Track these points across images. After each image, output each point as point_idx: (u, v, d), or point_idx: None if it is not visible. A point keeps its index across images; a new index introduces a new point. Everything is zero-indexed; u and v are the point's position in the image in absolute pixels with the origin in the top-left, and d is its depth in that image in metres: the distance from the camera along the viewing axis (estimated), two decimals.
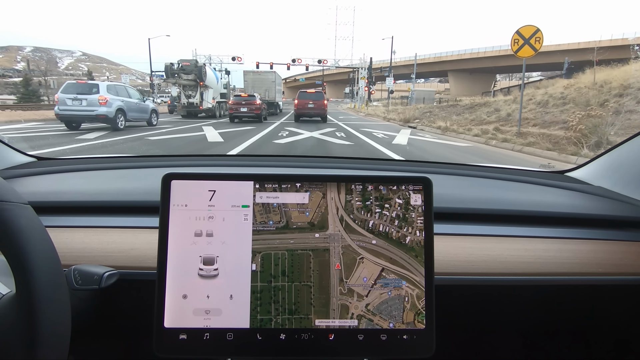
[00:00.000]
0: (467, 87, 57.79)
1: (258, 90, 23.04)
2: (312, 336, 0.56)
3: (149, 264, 0.70)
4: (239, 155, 4.75)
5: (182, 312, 0.55)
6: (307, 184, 0.58)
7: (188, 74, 18.16)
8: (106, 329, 0.82)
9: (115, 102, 11.12)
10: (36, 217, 0.48)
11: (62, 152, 6.98)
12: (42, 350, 0.43)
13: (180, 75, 18.17)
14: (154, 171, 1.13)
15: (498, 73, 68.03)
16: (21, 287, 0.44)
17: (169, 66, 18.02)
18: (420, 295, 0.57)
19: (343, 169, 1.23)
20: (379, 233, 0.58)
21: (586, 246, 0.81)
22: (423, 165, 1.28)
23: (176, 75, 18.13)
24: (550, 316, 0.90)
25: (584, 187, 1.07)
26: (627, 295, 0.84)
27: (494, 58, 52.20)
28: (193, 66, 18.21)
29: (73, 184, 1.02)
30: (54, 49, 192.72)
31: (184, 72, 18.19)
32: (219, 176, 0.57)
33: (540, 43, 8.51)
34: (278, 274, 0.56)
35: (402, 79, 62.72)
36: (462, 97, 40.38)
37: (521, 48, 8.73)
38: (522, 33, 8.64)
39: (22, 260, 0.44)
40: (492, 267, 0.75)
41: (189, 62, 18.28)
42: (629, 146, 1.02)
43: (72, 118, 10.91)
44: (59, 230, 0.75)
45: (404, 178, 0.59)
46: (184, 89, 18.38)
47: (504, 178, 1.14)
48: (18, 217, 0.45)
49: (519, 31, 8.65)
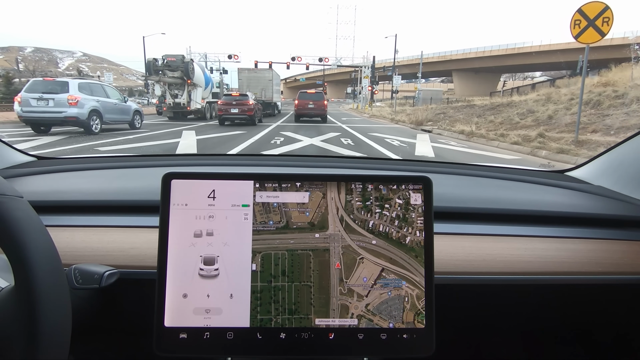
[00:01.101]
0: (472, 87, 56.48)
1: (254, 90, 21.13)
2: (312, 335, 0.56)
3: (149, 263, 0.70)
4: (239, 154, 4.64)
5: (182, 312, 0.55)
6: (308, 184, 0.58)
7: (174, 71, 16.15)
8: (106, 328, 0.82)
9: (88, 103, 9.82)
10: (31, 209, 0.48)
11: (63, 152, 6.97)
12: (43, 349, 0.43)
13: (165, 72, 16.16)
14: (154, 170, 1.12)
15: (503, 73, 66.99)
16: (20, 278, 0.44)
17: (152, 62, 15.95)
18: (420, 296, 0.57)
19: (343, 168, 1.22)
20: (379, 233, 0.58)
21: (586, 245, 0.80)
22: (423, 165, 1.28)
23: (160, 72, 16.14)
24: (550, 315, 0.89)
25: (584, 187, 1.06)
26: (626, 295, 0.83)
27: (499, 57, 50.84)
28: (179, 62, 16.16)
29: (73, 183, 1.02)
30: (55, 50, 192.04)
31: (169, 69, 16.17)
32: (219, 175, 0.57)
33: (609, 25, 6.44)
34: (278, 274, 0.56)
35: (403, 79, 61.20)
36: (466, 97, 39.13)
37: (583, 32, 6.59)
38: (585, 12, 6.52)
39: (19, 251, 0.44)
40: (492, 267, 0.74)
41: (174, 58, 16.23)
42: (629, 146, 1.01)
43: (37, 120, 9.62)
44: (59, 230, 0.74)
45: (404, 177, 0.59)
46: (170, 87, 16.39)
47: (503, 177, 1.14)
48: (13, 210, 0.45)
49: (582, 9, 6.52)
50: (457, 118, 15.50)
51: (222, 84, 23.87)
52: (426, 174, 0.59)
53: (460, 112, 16.59)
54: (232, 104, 13.98)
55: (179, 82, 16.29)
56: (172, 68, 16.14)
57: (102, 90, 10.67)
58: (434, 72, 68.31)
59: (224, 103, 14.14)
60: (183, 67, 15.95)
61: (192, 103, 16.65)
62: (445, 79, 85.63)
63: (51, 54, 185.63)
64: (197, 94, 16.85)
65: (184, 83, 16.35)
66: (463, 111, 16.67)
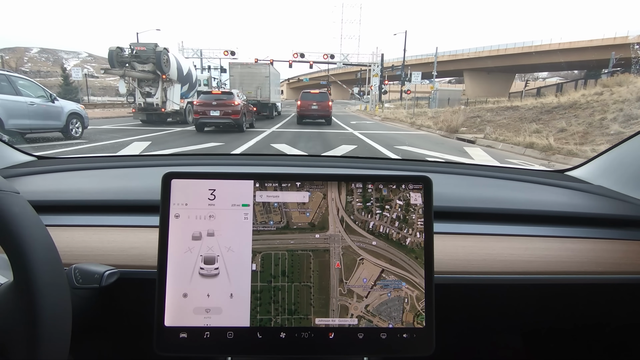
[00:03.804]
0: (484, 87, 53.58)
1: (248, 88, 17.91)
2: (312, 335, 0.55)
3: (149, 262, 0.69)
4: (239, 154, 4.54)
5: (182, 311, 0.54)
6: (308, 184, 0.58)
7: (143, 63, 12.99)
8: (106, 328, 0.82)
9: None
10: (28, 205, 0.47)
11: (63, 152, 6.63)
12: (43, 349, 0.43)
13: (133, 64, 13.02)
14: (154, 170, 1.10)
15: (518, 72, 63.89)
16: (19, 274, 0.44)
17: (116, 52, 12.73)
18: (419, 297, 0.57)
19: (344, 168, 1.21)
20: (379, 234, 0.58)
21: (586, 245, 0.80)
22: (423, 165, 1.28)
23: (127, 64, 13.00)
24: (550, 315, 0.88)
25: (584, 186, 1.06)
26: (626, 294, 0.83)
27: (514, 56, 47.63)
28: (151, 52, 12.99)
29: (73, 182, 1.01)
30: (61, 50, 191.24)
31: (138, 61, 13.01)
32: (219, 175, 0.57)
33: None
34: (278, 274, 0.56)
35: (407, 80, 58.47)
36: (477, 97, 36.14)
37: None
38: None
39: (17, 246, 0.43)
40: (492, 266, 0.74)
41: (144, 47, 13.07)
42: (629, 145, 1.01)
43: None
44: (59, 229, 0.74)
45: (405, 177, 0.58)
46: (140, 84, 13.24)
47: (504, 177, 1.13)
48: (9, 205, 0.44)
49: None
50: (499, 123, 12.23)
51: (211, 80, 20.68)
52: (426, 174, 0.59)
53: (501, 116, 13.32)
54: (212, 104, 10.81)
55: (150, 78, 13.12)
56: (141, 59, 12.95)
57: (9, 86, 7.26)
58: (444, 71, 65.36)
59: (202, 103, 11.01)
60: (155, 58, 12.78)
61: (169, 103, 13.48)
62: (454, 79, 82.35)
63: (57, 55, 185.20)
64: (175, 92, 13.70)
65: (158, 78, 13.18)
66: (504, 114, 13.38)
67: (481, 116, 13.97)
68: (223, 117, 10.80)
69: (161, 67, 12.77)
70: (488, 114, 13.96)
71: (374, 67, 30.17)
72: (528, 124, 11.09)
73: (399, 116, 19.62)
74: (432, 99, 27.86)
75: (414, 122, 16.25)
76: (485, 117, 13.73)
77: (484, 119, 13.44)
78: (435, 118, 15.97)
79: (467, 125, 12.88)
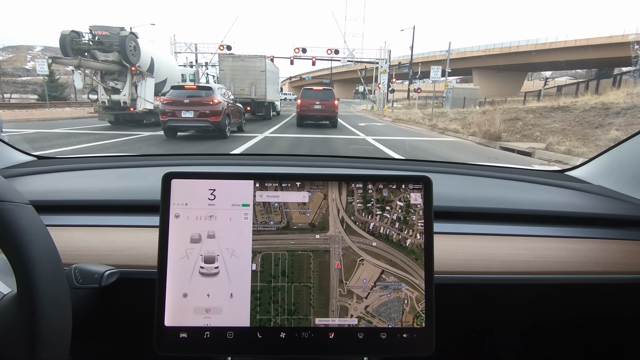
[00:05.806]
0: (494, 86, 50.94)
1: (241, 84, 15.39)
2: (312, 335, 0.55)
3: (149, 262, 0.69)
4: (240, 154, 4.55)
5: (182, 311, 0.54)
6: (309, 185, 0.57)
7: (107, 52, 10.54)
8: (107, 328, 0.81)
9: None
10: (37, 217, 0.47)
11: (63, 151, 6.56)
12: (43, 350, 0.43)
13: (94, 53, 10.58)
14: (154, 170, 1.10)
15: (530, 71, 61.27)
16: (22, 287, 0.44)
17: (70, 36, 10.31)
18: (419, 298, 0.57)
19: (344, 168, 1.21)
20: (380, 235, 0.57)
21: (586, 245, 0.80)
22: (423, 165, 1.27)
23: (86, 53, 10.55)
24: (550, 315, 0.88)
25: (583, 186, 1.05)
26: (626, 294, 0.82)
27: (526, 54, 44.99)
28: (115, 37, 10.56)
29: (73, 182, 1.01)
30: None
31: (100, 49, 10.57)
32: (219, 175, 0.56)
33: None
34: (278, 275, 0.56)
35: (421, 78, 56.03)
36: (487, 97, 33.81)
37: None
38: None
39: (23, 260, 0.43)
40: (491, 266, 0.74)
41: (107, 32, 10.62)
42: (629, 145, 1.00)
43: None
44: (59, 229, 0.74)
45: (405, 177, 0.58)
46: (103, 77, 10.80)
47: (504, 177, 1.13)
48: (19, 217, 0.44)
49: None
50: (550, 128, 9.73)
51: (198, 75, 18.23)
52: (426, 174, 0.59)
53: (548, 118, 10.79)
54: (184, 102, 8.30)
55: (116, 70, 10.67)
56: (104, 47, 10.50)
57: None
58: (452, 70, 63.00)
59: (170, 102, 8.40)
60: (120, 45, 10.32)
61: (139, 101, 10.98)
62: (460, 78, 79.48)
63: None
64: (147, 88, 11.16)
65: (125, 71, 10.73)
66: (552, 116, 10.85)
67: (521, 118, 11.45)
68: (199, 120, 8.32)
69: (127, 57, 10.28)
70: (530, 116, 11.41)
71: (381, 64, 27.62)
72: (593, 129, 8.58)
73: (414, 117, 17.09)
74: (446, 98, 25.23)
75: (434, 124, 13.73)
76: (527, 119, 11.20)
77: (526, 122, 10.92)
78: (459, 120, 13.46)
79: (507, 130, 10.38)
